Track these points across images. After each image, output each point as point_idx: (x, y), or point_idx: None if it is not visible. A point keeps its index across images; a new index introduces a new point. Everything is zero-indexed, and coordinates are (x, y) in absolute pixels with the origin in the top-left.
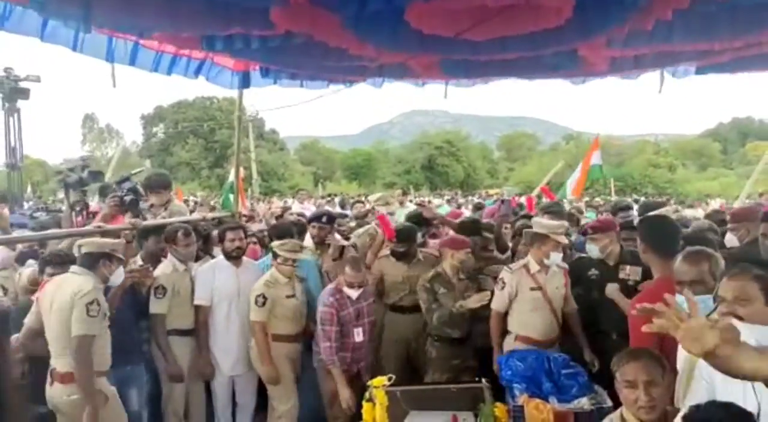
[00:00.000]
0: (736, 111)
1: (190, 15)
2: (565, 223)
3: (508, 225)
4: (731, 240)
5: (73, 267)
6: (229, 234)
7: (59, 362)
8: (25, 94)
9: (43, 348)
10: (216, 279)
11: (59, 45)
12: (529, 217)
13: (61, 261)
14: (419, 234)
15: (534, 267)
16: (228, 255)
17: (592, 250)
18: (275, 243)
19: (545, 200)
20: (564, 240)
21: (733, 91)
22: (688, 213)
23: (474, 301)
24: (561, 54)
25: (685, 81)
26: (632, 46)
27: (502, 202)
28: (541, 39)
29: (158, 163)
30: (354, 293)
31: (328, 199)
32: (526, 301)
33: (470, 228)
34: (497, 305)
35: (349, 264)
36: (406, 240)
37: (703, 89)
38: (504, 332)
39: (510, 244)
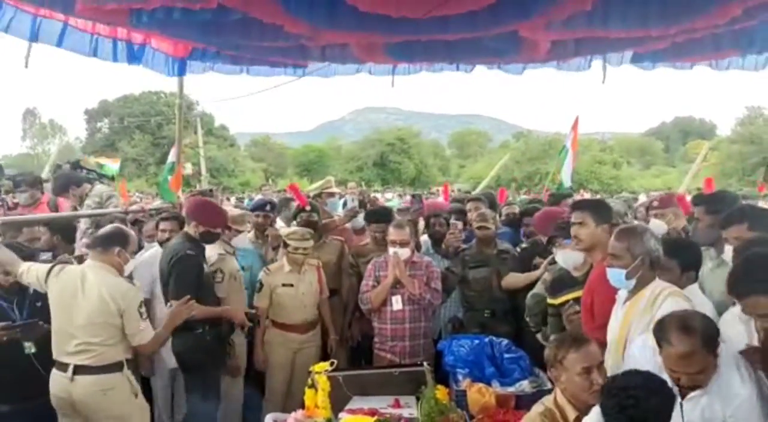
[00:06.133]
0: (679, 110)
1: None
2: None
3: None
4: (659, 225)
5: None
6: (162, 225)
7: None
8: None
9: None
10: (155, 271)
11: None
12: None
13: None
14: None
15: None
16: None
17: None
18: (284, 232)
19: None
20: None
21: (675, 91)
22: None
23: None
24: (502, 37)
25: (628, 78)
26: (571, 29)
27: (413, 196)
28: (481, 19)
29: None
30: (400, 251)
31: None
32: None
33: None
34: None
35: (393, 226)
36: (314, 210)
37: (647, 88)
38: None
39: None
